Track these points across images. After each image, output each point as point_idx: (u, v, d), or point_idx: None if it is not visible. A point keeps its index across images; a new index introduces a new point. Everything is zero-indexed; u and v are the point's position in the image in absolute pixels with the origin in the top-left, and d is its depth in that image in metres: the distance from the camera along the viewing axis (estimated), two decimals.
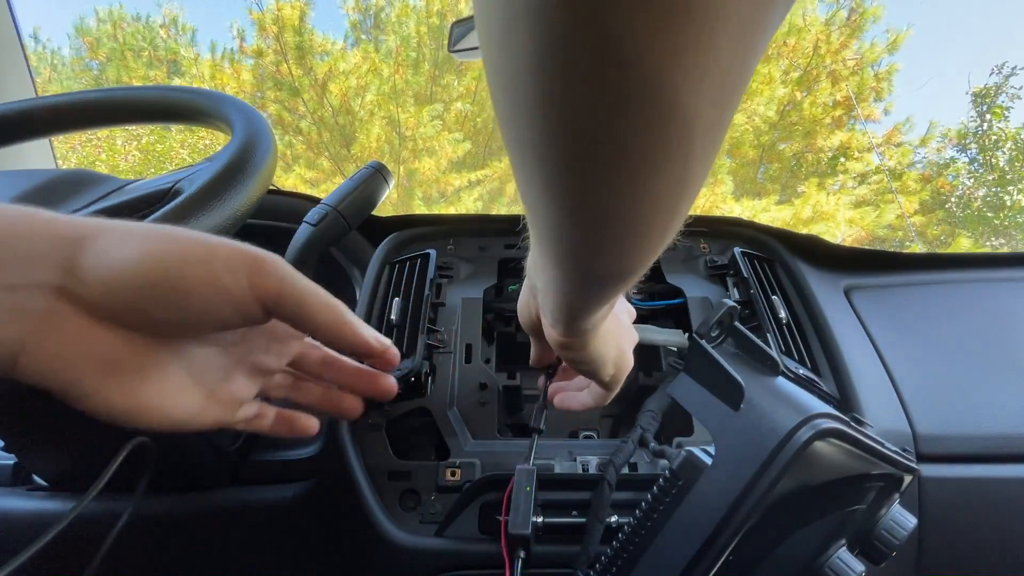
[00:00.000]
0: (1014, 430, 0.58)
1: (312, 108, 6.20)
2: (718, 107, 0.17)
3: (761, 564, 0.38)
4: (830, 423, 0.35)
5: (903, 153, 6.68)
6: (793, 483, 0.35)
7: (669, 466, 0.41)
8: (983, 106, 6.87)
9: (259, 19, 5.94)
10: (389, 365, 0.32)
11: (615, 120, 0.16)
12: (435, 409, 0.59)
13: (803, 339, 0.64)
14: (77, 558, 0.62)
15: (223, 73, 6.11)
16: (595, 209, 0.20)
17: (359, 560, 0.57)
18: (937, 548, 0.55)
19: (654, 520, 0.39)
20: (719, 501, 0.36)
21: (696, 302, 0.69)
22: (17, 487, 0.62)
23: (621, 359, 0.41)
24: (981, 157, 6.81)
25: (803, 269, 0.71)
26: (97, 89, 0.57)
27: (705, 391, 0.39)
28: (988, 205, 6.55)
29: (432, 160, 6.12)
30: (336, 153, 6.34)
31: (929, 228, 6.57)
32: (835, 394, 0.60)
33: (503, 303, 0.73)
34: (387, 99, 6.03)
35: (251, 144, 0.45)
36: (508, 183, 6.53)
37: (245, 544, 0.62)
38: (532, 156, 0.19)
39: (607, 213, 0.20)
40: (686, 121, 0.16)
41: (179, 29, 6.50)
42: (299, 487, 0.59)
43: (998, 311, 0.70)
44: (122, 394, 0.25)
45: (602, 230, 0.21)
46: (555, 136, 0.17)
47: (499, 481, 0.55)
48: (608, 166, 0.18)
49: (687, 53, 0.14)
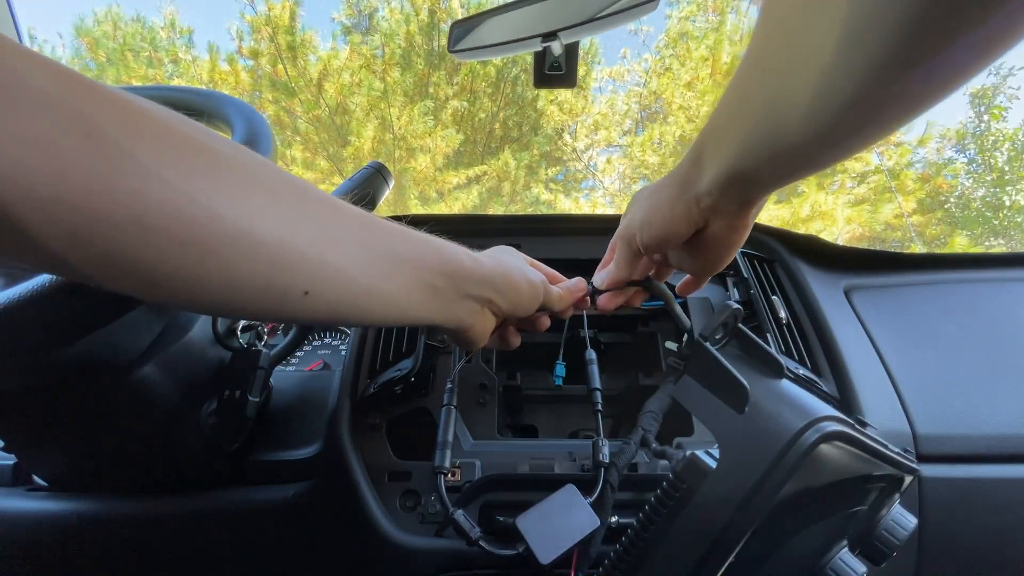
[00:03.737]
0: (1014, 430, 0.58)
1: (308, 107, 6.20)
2: None
3: (763, 566, 0.38)
4: (835, 426, 0.35)
5: (902, 153, 6.69)
6: (797, 486, 0.35)
7: (672, 469, 0.41)
8: (981, 107, 6.88)
9: (252, 22, 5.94)
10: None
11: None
12: (435, 409, 0.59)
13: (803, 339, 0.64)
14: (77, 558, 0.62)
15: (223, 72, 6.11)
16: None
17: (359, 560, 0.57)
18: (937, 548, 0.55)
19: (658, 523, 0.39)
20: (725, 504, 0.36)
21: (696, 302, 0.69)
22: (17, 487, 0.62)
23: None
24: (980, 157, 6.82)
25: (803, 269, 0.71)
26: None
27: (708, 393, 0.39)
28: (987, 205, 6.56)
29: (427, 157, 6.12)
30: (334, 153, 6.33)
31: (928, 228, 6.58)
32: (835, 395, 0.60)
33: None
34: (378, 99, 6.03)
35: (251, 144, 0.45)
36: (505, 181, 6.53)
37: (245, 544, 0.61)
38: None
39: None
40: None
41: (176, 31, 6.49)
42: (299, 487, 0.59)
43: (998, 311, 0.70)
44: (491, 342, 0.47)
45: None
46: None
47: (499, 481, 0.55)
48: None
49: None
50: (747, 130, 0.29)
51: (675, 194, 0.37)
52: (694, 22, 6.51)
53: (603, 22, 0.64)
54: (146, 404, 0.50)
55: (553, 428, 0.68)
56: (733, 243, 0.39)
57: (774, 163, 0.29)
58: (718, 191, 0.34)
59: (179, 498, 0.59)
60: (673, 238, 0.39)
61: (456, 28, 0.72)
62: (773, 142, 0.28)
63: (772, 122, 0.27)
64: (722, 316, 0.41)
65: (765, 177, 0.31)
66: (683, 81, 6.39)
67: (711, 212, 0.36)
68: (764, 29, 0.27)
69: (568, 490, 0.50)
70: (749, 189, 0.33)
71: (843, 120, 0.24)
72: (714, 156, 0.33)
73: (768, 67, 0.27)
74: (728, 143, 0.31)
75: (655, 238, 0.40)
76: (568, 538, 0.47)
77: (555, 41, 0.66)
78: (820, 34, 0.23)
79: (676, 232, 0.39)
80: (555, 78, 0.72)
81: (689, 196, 0.36)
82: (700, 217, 0.37)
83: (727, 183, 0.33)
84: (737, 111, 0.30)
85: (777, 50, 0.26)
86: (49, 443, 0.55)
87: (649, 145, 6.58)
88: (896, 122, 0.24)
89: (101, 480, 0.60)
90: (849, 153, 0.26)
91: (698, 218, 0.37)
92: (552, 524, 0.48)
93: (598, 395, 0.58)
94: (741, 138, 0.30)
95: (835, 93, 0.23)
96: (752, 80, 0.29)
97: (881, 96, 0.22)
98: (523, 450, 0.58)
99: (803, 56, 0.24)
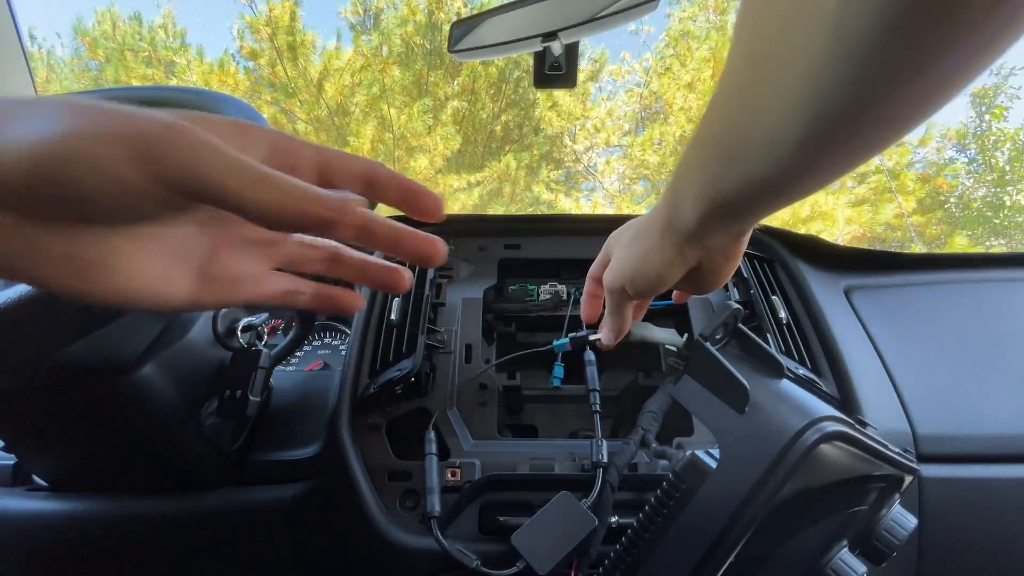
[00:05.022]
0: (1014, 430, 0.58)
1: (309, 108, 6.20)
2: None
3: (763, 566, 0.38)
4: (836, 426, 0.35)
5: (902, 153, 6.69)
6: (797, 486, 0.35)
7: (672, 468, 0.41)
8: (982, 106, 6.88)
9: (252, 22, 5.94)
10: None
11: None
12: (435, 409, 0.59)
13: (803, 339, 0.64)
14: (77, 558, 0.62)
15: (223, 72, 6.11)
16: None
17: (359, 560, 0.57)
18: (937, 548, 0.55)
19: (659, 524, 0.39)
20: (725, 504, 0.36)
21: (696, 302, 0.69)
22: (17, 487, 0.62)
23: None
24: (980, 157, 6.82)
25: (803, 269, 0.71)
26: (96, 89, 0.57)
27: (709, 393, 0.39)
28: (987, 205, 6.56)
29: (426, 158, 6.12)
30: None
31: (928, 228, 6.58)
32: (835, 395, 0.60)
33: (503, 303, 0.73)
34: (377, 98, 6.03)
35: None
36: (505, 184, 6.53)
37: (245, 544, 0.61)
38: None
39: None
40: None
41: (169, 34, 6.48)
42: (299, 487, 0.59)
43: (998, 311, 0.70)
44: (99, 285, 0.23)
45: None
46: None
47: (499, 481, 0.55)
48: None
49: None
50: (716, 167, 0.29)
51: (662, 239, 0.37)
52: (695, 22, 6.51)
53: (603, 22, 0.64)
54: (146, 404, 0.50)
55: (553, 428, 0.68)
56: (727, 271, 0.39)
57: (750, 197, 0.29)
58: (705, 229, 0.33)
59: (179, 498, 0.59)
60: (668, 282, 0.39)
61: (456, 28, 0.72)
62: (743, 178, 0.28)
63: (737, 159, 0.28)
64: (722, 316, 0.41)
65: (743, 210, 0.31)
66: (684, 82, 6.39)
67: (701, 249, 0.36)
68: (722, 82, 0.27)
69: (562, 497, 0.50)
70: (733, 221, 0.33)
71: (799, 159, 0.25)
72: (690, 195, 0.32)
73: (729, 109, 0.28)
74: (701, 182, 0.31)
75: (650, 286, 0.39)
76: (565, 544, 0.48)
77: (555, 41, 0.66)
78: (771, 84, 0.24)
79: (671, 276, 0.38)
80: (555, 78, 0.72)
81: (677, 238, 0.35)
82: (693, 257, 0.36)
83: (711, 219, 0.32)
84: (706, 150, 0.30)
85: (737, 93, 0.27)
86: (49, 443, 0.55)
87: (649, 145, 6.57)
88: (850, 158, 0.25)
89: (101, 480, 0.60)
90: (818, 185, 0.27)
91: (691, 259, 0.37)
92: (548, 534, 0.48)
93: (596, 396, 0.58)
94: (713, 176, 0.30)
95: (786, 135, 0.24)
96: (716, 120, 0.29)
97: (827, 139, 0.24)
98: (523, 450, 0.57)
99: (757, 102, 0.25)
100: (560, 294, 0.73)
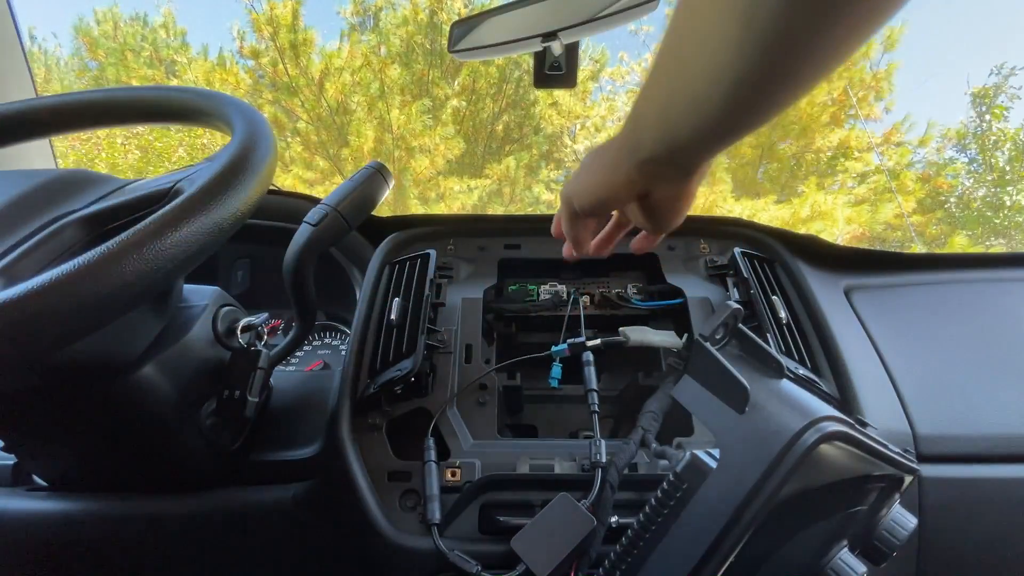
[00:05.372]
0: (1014, 430, 0.58)
1: (310, 107, 6.21)
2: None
3: (763, 566, 0.38)
4: (836, 426, 0.35)
5: (902, 153, 6.69)
6: (797, 486, 0.35)
7: (672, 469, 0.41)
8: (982, 106, 6.88)
9: (256, 19, 5.94)
10: None
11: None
12: (435, 409, 0.59)
13: (803, 339, 0.64)
14: (77, 558, 0.62)
15: (223, 71, 6.11)
16: None
17: (359, 560, 0.57)
18: (937, 548, 0.55)
19: (659, 524, 0.39)
20: (725, 504, 0.36)
21: (696, 302, 0.69)
22: (17, 487, 0.62)
23: None
24: (981, 157, 6.82)
25: (803, 269, 0.71)
26: (97, 89, 0.57)
27: (709, 393, 0.39)
28: (988, 205, 6.56)
29: (427, 159, 6.12)
30: (335, 153, 6.33)
31: (928, 228, 6.58)
32: (835, 395, 0.60)
33: (503, 303, 0.73)
34: (376, 98, 6.03)
35: (251, 144, 0.45)
36: (505, 185, 6.53)
37: (245, 544, 0.61)
38: None
39: None
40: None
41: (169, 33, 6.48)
42: (299, 487, 0.59)
43: (998, 311, 0.70)
44: None
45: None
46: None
47: (499, 481, 0.55)
48: None
49: None
50: (671, 103, 0.32)
51: (619, 158, 0.38)
52: None
53: (603, 22, 0.64)
54: (146, 404, 0.50)
55: (553, 428, 0.68)
56: (679, 210, 0.40)
57: (701, 131, 0.32)
58: (661, 157, 0.35)
59: (179, 498, 0.59)
60: (611, 203, 0.40)
61: (456, 28, 0.72)
62: (694, 112, 0.31)
63: (689, 95, 0.31)
64: (722, 316, 0.41)
65: (696, 144, 0.33)
66: None
67: (654, 178, 0.37)
68: (675, 19, 0.30)
69: (561, 499, 0.50)
70: (688, 155, 0.34)
71: (737, 97, 0.29)
72: (650, 124, 0.34)
73: (681, 51, 0.31)
74: (659, 114, 0.33)
75: (591, 203, 0.41)
76: (564, 546, 0.48)
77: (555, 41, 0.66)
78: (712, 28, 0.28)
79: (614, 197, 0.39)
80: (555, 78, 0.72)
81: (632, 162, 0.37)
82: (642, 183, 0.37)
83: (667, 150, 0.34)
84: (662, 86, 0.33)
85: (687, 35, 0.30)
86: (49, 443, 0.55)
87: None
88: (782, 96, 0.29)
89: (101, 480, 0.60)
90: (764, 118, 0.30)
91: (640, 185, 0.38)
92: (548, 536, 0.48)
93: (595, 396, 0.58)
94: (671, 110, 0.32)
95: (725, 73, 0.28)
96: (670, 58, 0.32)
97: (762, 76, 0.28)
98: (523, 450, 0.57)
99: (703, 42, 0.29)
100: (560, 294, 0.73)
